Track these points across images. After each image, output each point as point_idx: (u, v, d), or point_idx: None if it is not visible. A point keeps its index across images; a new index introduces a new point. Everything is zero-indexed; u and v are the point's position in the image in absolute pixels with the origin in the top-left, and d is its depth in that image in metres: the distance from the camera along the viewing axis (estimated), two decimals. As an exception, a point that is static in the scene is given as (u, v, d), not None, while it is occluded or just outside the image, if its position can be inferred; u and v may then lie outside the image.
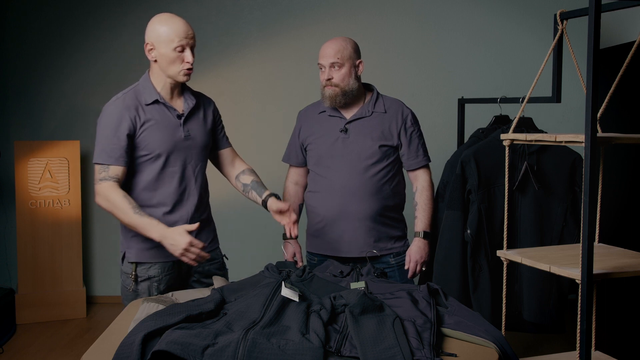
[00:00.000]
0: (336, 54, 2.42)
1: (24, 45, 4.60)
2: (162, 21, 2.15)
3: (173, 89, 2.23)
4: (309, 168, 2.62)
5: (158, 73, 2.19)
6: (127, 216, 2.06)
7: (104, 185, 2.10)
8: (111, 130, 2.12)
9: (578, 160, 2.62)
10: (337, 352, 1.49)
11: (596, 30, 1.63)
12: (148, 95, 2.19)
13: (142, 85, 2.22)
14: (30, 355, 3.63)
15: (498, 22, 4.45)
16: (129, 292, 2.22)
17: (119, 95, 2.20)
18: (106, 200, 2.09)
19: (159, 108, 2.20)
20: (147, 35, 2.16)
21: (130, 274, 2.21)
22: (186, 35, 2.14)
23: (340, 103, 2.48)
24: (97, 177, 2.12)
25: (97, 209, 4.66)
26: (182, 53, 2.14)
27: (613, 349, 2.43)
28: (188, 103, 2.26)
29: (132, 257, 2.22)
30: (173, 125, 2.20)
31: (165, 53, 2.13)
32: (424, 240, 2.53)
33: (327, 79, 2.45)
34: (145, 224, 2.04)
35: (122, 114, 2.13)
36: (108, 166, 2.11)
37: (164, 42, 2.12)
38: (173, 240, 2.01)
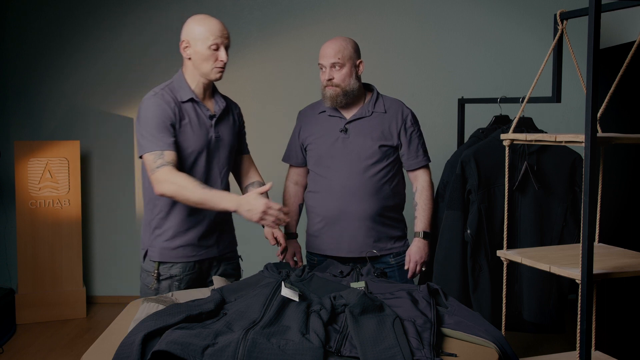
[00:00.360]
0: (337, 54, 2.42)
1: (24, 45, 4.60)
2: (199, 20, 2.19)
3: (206, 88, 2.26)
4: (308, 168, 2.62)
5: (192, 71, 2.21)
6: (195, 194, 2.02)
7: (163, 170, 2.06)
8: (158, 119, 2.12)
9: (578, 160, 2.62)
10: (337, 352, 1.49)
11: (596, 30, 1.63)
12: (183, 93, 2.20)
13: (177, 83, 2.23)
14: (30, 355, 3.63)
15: (498, 22, 4.45)
16: (150, 290, 2.24)
17: (156, 91, 2.20)
18: (170, 184, 2.04)
19: (193, 107, 2.22)
20: (184, 33, 2.20)
21: (153, 272, 2.23)
22: (221, 34, 2.17)
23: (341, 103, 2.48)
24: (153, 165, 2.08)
25: (97, 209, 4.66)
26: (217, 51, 2.17)
27: (613, 349, 2.43)
28: (219, 104, 2.29)
29: (155, 255, 2.24)
30: (206, 125, 2.23)
31: (199, 50, 2.16)
32: (423, 241, 2.53)
33: (328, 79, 2.44)
34: (217, 196, 2.03)
35: (165, 107, 2.14)
36: (162, 152, 2.08)
37: (199, 39, 2.15)
38: (250, 206, 1.99)
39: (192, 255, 2.24)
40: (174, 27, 4.54)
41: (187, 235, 2.23)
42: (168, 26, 4.57)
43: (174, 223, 2.22)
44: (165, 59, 4.59)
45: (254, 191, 2.04)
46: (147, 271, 2.27)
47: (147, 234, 2.28)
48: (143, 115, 2.15)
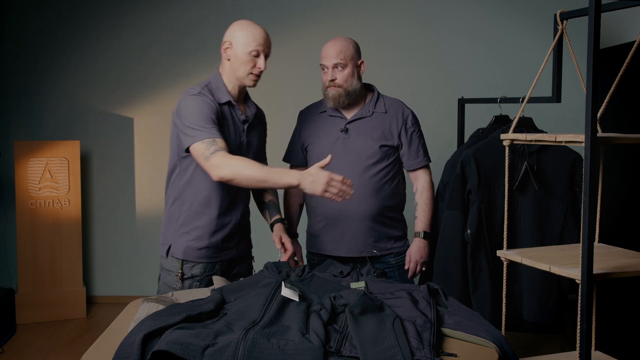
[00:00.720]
0: (339, 54, 2.42)
1: (24, 45, 4.60)
2: (245, 25, 2.21)
3: (241, 92, 2.28)
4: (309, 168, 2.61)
5: (229, 73, 2.23)
6: (257, 172, 2.00)
7: (219, 155, 2.02)
8: (205, 112, 2.10)
9: (578, 160, 2.62)
10: (337, 352, 1.49)
11: (596, 30, 1.63)
12: (221, 95, 2.21)
13: (215, 84, 2.23)
14: (30, 355, 3.63)
15: (498, 22, 4.45)
16: (172, 289, 2.24)
17: (197, 90, 2.17)
18: (229, 166, 2.01)
19: (230, 110, 2.23)
20: (227, 35, 2.22)
21: (177, 272, 2.24)
22: (264, 42, 2.20)
23: (343, 104, 2.48)
24: (207, 152, 2.04)
25: (97, 209, 4.66)
26: (256, 58, 2.19)
27: (613, 349, 2.43)
28: (251, 109, 2.33)
29: (178, 253, 2.24)
30: (239, 129, 2.25)
31: (239, 54, 2.18)
32: (424, 241, 2.53)
33: (331, 79, 2.45)
34: (279, 172, 2.02)
35: (210, 104, 2.14)
36: (214, 139, 2.06)
37: (241, 43, 2.17)
38: (313, 178, 1.97)
39: (215, 257, 2.27)
40: (174, 27, 4.58)
41: (214, 237, 2.25)
42: (168, 26, 4.57)
43: (203, 224, 2.24)
44: (165, 59, 4.59)
45: (315, 165, 2.03)
46: (169, 270, 2.27)
47: (172, 230, 2.28)
48: (187, 109, 2.12)
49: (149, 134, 4.63)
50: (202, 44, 4.56)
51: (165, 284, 2.28)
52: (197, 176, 2.21)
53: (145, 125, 4.63)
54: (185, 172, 2.23)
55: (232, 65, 2.20)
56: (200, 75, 4.55)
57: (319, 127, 2.56)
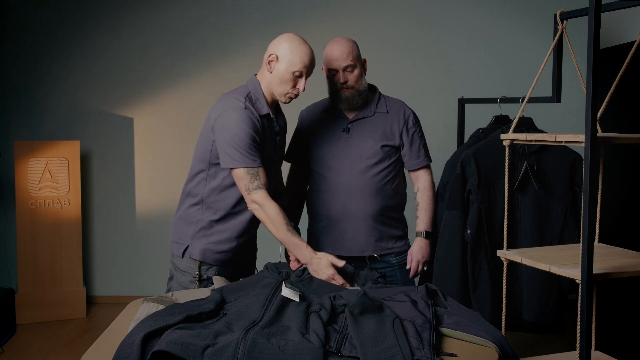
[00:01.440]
0: (349, 56, 2.42)
1: (24, 45, 4.60)
2: (295, 42, 2.16)
3: (275, 103, 2.28)
4: (310, 168, 2.61)
5: (268, 84, 2.21)
6: (280, 232, 2.09)
7: (261, 195, 2.09)
8: (251, 134, 2.10)
9: (578, 160, 2.62)
10: (337, 352, 1.49)
11: (596, 30, 1.63)
12: (261, 107, 2.20)
13: (255, 94, 2.21)
14: (30, 355, 3.63)
15: (498, 22, 4.45)
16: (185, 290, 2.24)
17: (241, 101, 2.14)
18: (263, 212, 2.10)
19: (267, 122, 2.22)
20: (275, 47, 2.18)
21: (194, 273, 2.23)
22: (310, 64, 2.17)
23: (357, 104, 2.48)
24: (250, 186, 2.09)
25: (97, 209, 4.66)
26: (299, 78, 2.17)
27: (613, 349, 2.43)
28: (281, 119, 2.34)
29: (196, 254, 2.24)
30: (274, 141, 2.27)
31: (282, 71, 2.15)
32: (425, 240, 2.53)
33: (343, 82, 2.44)
34: (296, 245, 2.08)
35: (254, 122, 2.13)
36: (257, 171, 2.09)
37: (287, 61, 2.14)
38: (317, 268, 2.03)
39: (231, 260, 2.28)
40: (174, 27, 4.58)
41: (234, 242, 2.26)
42: (168, 26, 4.57)
43: (227, 229, 2.24)
44: (165, 59, 4.59)
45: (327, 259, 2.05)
46: (184, 271, 2.26)
47: (191, 231, 2.26)
48: (235, 127, 2.10)
49: (149, 134, 4.63)
50: (202, 44, 4.56)
51: (180, 284, 2.26)
52: (227, 185, 2.21)
53: (145, 125, 4.63)
54: (214, 178, 2.21)
55: (272, 78, 2.18)
56: (200, 75, 4.55)
57: (321, 127, 2.56)
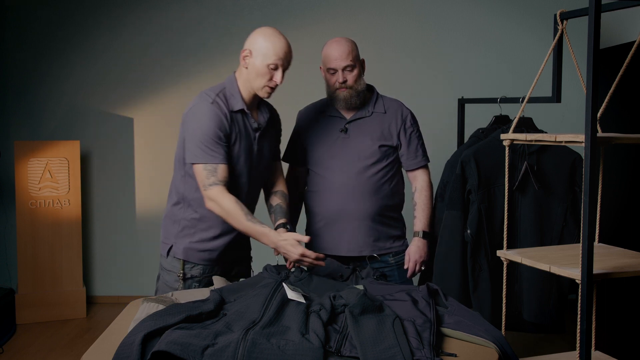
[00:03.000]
0: (348, 56, 2.42)
1: (24, 45, 4.60)
2: (267, 35, 2.16)
3: (255, 99, 2.25)
4: (308, 168, 2.61)
5: (245, 80, 2.20)
6: (240, 223, 2.08)
7: (216, 191, 2.09)
8: (214, 130, 2.10)
9: (578, 160, 2.62)
10: (337, 352, 1.49)
11: (596, 30, 1.63)
12: (235, 103, 2.19)
13: (230, 90, 2.21)
14: (30, 355, 3.63)
15: (498, 22, 4.45)
16: (172, 289, 2.24)
17: (212, 97, 2.16)
18: (219, 207, 2.09)
19: (242, 118, 2.21)
20: (248, 42, 2.18)
21: (178, 272, 2.24)
22: (285, 56, 2.16)
23: (355, 104, 2.48)
24: (206, 182, 2.10)
25: (97, 209, 4.66)
26: (274, 71, 2.16)
27: (613, 349, 2.43)
28: (264, 116, 2.29)
29: (179, 253, 2.24)
30: (250, 137, 2.23)
31: (257, 65, 2.14)
32: (423, 240, 2.53)
33: (342, 81, 2.44)
34: (259, 232, 2.08)
35: (219, 117, 2.12)
36: (215, 167, 2.09)
37: (261, 54, 2.14)
38: (286, 250, 2.04)
39: (216, 259, 2.26)
40: (174, 27, 4.58)
41: (218, 241, 2.25)
42: (168, 26, 4.57)
43: (207, 227, 2.23)
44: (165, 59, 4.59)
45: (293, 238, 2.05)
46: (169, 270, 2.27)
47: (175, 231, 2.27)
48: (198, 122, 2.12)
49: (149, 134, 4.63)
50: (202, 44, 4.56)
51: (165, 284, 2.28)
52: None
53: (145, 125, 4.63)
54: (191, 177, 2.21)
55: (249, 74, 2.18)
56: (200, 75, 4.55)
57: (319, 127, 2.56)
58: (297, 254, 2.02)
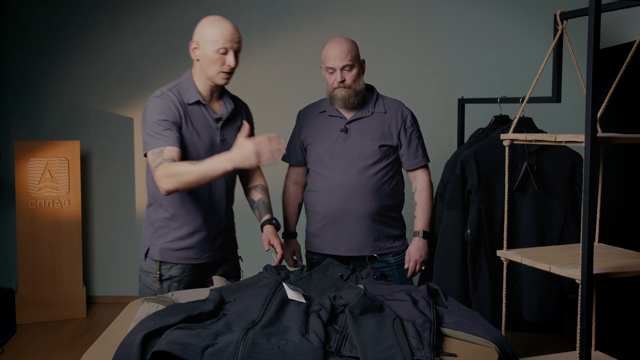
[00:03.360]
0: (347, 55, 2.42)
1: (24, 45, 4.60)
2: (211, 22, 2.15)
3: (213, 90, 2.23)
4: (308, 167, 2.62)
5: (199, 73, 2.19)
6: (193, 174, 1.97)
7: (160, 168, 2.01)
8: (161, 117, 2.09)
9: (578, 160, 2.62)
10: (337, 352, 1.49)
11: (596, 30, 1.63)
12: (191, 95, 2.18)
13: (185, 84, 2.20)
14: (30, 355, 3.63)
15: (498, 22, 4.45)
16: (150, 290, 2.24)
17: (163, 90, 2.17)
18: (169, 177, 1.99)
19: (200, 109, 2.19)
20: (195, 34, 2.17)
21: (155, 273, 2.23)
22: (232, 38, 2.13)
23: (353, 104, 2.48)
24: (153, 165, 2.04)
25: (97, 209, 4.66)
26: (225, 55, 2.13)
27: (613, 349, 2.43)
28: (227, 107, 2.26)
29: (155, 255, 2.23)
30: (211, 128, 2.21)
31: (208, 53, 2.13)
32: (423, 240, 2.53)
33: (340, 81, 2.44)
34: (211, 164, 1.96)
35: (169, 107, 2.11)
36: (162, 149, 2.04)
37: (208, 42, 2.12)
38: (242, 155, 1.92)
39: (195, 258, 2.24)
40: (174, 27, 4.58)
41: (192, 238, 2.23)
42: (168, 26, 4.57)
43: (180, 225, 2.22)
44: (165, 59, 4.59)
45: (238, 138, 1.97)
46: (147, 271, 2.27)
47: (150, 233, 2.27)
48: (147, 114, 2.13)
49: (149, 134, 4.62)
50: (202, 44, 4.56)
51: (144, 285, 2.27)
52: None
53: (145, 125, 4.63)
54: None
55: (201, 65, 2.16)
56: (200, 75, 4.55)
57: (319, 127, 2.56)
58: (251, 146, 1.90)
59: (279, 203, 2.71)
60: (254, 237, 2.89)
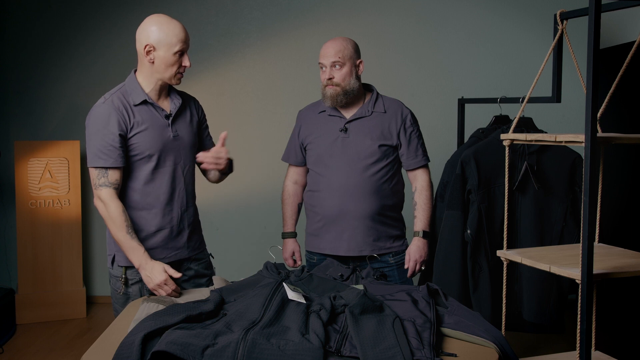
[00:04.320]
0: (337, 53, 2.43)
1: (24, 45, 4.60)
2: (162, 24, 2.14)
3: (162, 89, 2.22)
4: (308, 167, 2.62)
5: (148, 74, 2.17)
6: (119, 232, 2.10)
7: (104, 193, 2.10)
8: (103, 131, 2.09)
9: (578, 160, 2.62)
10: (337, 352, 1.49)
11: (596, 30, 1.63)
12: (136, 96, 2.16)
13: (129, 86, 2.19)
14: (30, 355, 3.63)
15: (498, 22, 4.45)
16: (119, 294, 2.22)
17: (107, 97, 2.16)
18: (105, 210, 2.11)
19: (148, 109, 2.18)
20: (147, 37, 2.13)
21: (120, 277, 2.21)
22: (186, 39, 2.15)
23: (341, 102, 2.48)
24: (96, 182, 2.11)
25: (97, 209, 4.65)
26: (181, 57, 2.15)
27: (613, 349, 2.42)
28: (175, 103, 2.25)
29: (121, 260, 2.21)
30: (162, 125, 2.19)
31: (164, 56, 2.12)
32: (423, 240, 2.53)
33: (329, 78, 2.45)
34: (130, 248, 2.09)
35: (111, 115, 2.10)
36: (106, 170, 2.10)
37: (164, 45, 2.11)
38: (150, 273, 2.06)
39: (160, 258, 2.18)
40: (174, 27, 4.57)
41: (154, 238, 2.20)
42: (168, 26, 4.57)
43: (140, 227, 2.19)
44: (165, 59, 4.58)
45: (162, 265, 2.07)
46: (116, 276, 2.24)
47: (112, 240, 2.24)
48: (90, 124, 2.13)
49: (149, 134, 4.62)
50: (202, 44, 4.56)
51: (114, 289, 2.25)
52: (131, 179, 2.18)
53: (145, 125, 4.63)
54: None
55: (156, 67, 2.14)
56: (201, 75, 4.55)
57: (319, 127, 2.56)
58: (160, 280, 2.04)
59: (278, 203, 2.71)
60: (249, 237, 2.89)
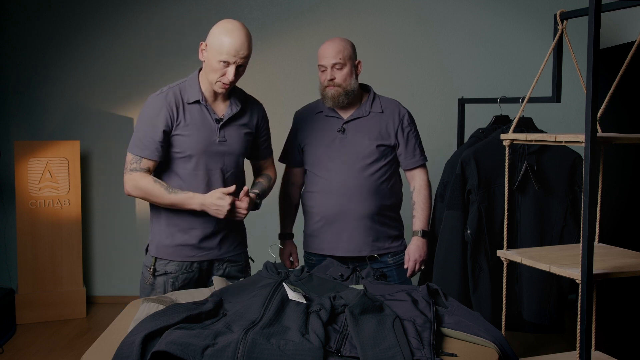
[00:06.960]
0: (338, 54, 2.43)
1: (24, 45, 4.60)
2: (224, 31, 2.11)
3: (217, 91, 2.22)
4: (306, 168, 2.62)
5: (205, 73, 2.20)
6: (162, 198, 2.12)
7: (133, 175, 2.14)
8: (149, 123, 2.15)
9: (578, 160, 2.62)
10: (337, 352, 1.49)
11: (596, 30, 1.63)
12: (191, 94, 2.20)
13: (189, 83, 2.23)
14: (30, 355, 3.63)
15: (498, 22, 4.45)
16: (146, 285, 2.26)
17: (164, 89, 2.21)
18: (137, 189, 2.14)
19: (199, 109, 2.20)
20: (208, 36, 2.16)
21: (150, 267, 2.25)
22: (236, 54, 2.09)
23: (342, 103, 2.48)
24: (128, 166, 2.16)
25: (97, 209, 4.66)
26: (226, 68, 2.12)
27: (613, 349, 2.43)
28: (232, 108, 2.26)
29: (152, 250, 2.27)
30: (210, 128, 2.20)
31: (211, 59, 2.13)
32: (422, 239, 2.53)
33: (330, 79, 2.45)
34: (183, 199, 2.11)
35: (161, 109, 2.15)
36: (141, 159, 2.15)
37: (214, 49, 2.11)
38: (215, 207, 2.08)
39: (190, 256, 2.24)
40: (173, 27, 4.58)
41: (188, 234, 2.22)
42: (168, 26, 4.57)
43: (175, 221, 2.22)
44: (165, 59, 4.59)
45: (218, 190, 2.10)
46: (146, 265, 2.29)
47: (151, 228, 2.30)
48: (141, 113, 2.19)
49: (149, 134, 4.62)
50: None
51: (143, 278, 2.30)
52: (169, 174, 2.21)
53: (145, 125, 4.63)
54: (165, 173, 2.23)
55: (206, 67, 2.17)
56: (200, 75, 4.56)
57: (316, 128, 2.56)
58: (226, 204, 2.06)
59: (275, 204, 2.71)
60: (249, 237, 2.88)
